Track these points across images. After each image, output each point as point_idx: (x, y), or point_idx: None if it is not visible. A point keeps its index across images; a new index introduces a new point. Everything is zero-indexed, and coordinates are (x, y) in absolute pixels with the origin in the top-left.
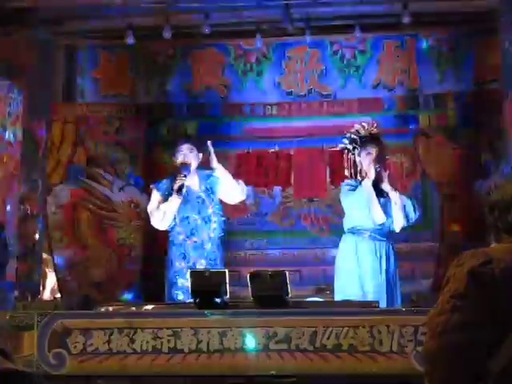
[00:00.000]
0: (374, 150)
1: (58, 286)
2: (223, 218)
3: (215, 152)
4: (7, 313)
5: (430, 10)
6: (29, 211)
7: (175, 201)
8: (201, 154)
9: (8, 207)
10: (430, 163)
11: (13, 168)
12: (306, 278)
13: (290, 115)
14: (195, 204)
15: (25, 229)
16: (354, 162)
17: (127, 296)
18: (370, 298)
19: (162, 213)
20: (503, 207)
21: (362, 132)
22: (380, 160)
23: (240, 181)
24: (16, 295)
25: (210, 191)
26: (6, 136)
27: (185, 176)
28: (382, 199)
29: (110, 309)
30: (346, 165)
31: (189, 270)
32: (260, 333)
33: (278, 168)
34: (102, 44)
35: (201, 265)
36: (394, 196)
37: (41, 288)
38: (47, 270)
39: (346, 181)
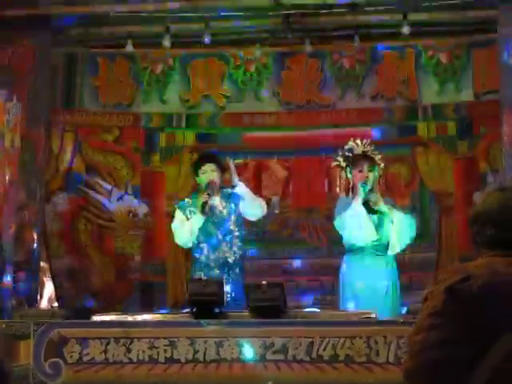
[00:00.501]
0: (366, 168)
1: (56, 294)
2: (244, 232)
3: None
4: (3, 322)
5: (429, 21)
6: (27, 219)
7: (199, 219)
8: (222, 172)
9: (6, 215)
10: (428, 174)
11: (11, 176)
12: (304, 288)
13: (289, 125)
14: (218, 221)
15: (23, 237)
16: (347, 179)
17: (125, 305)
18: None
19: (187, 231)
20: (482, 221)
21: (356, 150)
22: (373, 177)
23: (260, 198)
24: (13, 303)
25: (231, 208)
26: (5, 144)
27: (208, 195)
28: (375, 216)
29: (107, 318)
30: (338, 183)
31: (186, 280)
32: (257, 343)
33: (277, 178)
34: (102, 52)
35: (224, 279)
36: (391, 215)
37: (38, 296)
38: (45, 278)
39: (340, 199)
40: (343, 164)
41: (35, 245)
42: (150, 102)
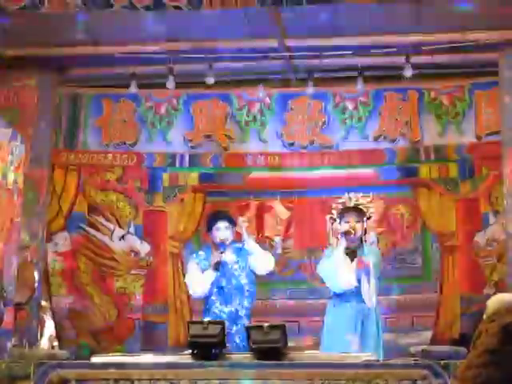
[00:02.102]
0: (351, 219)
1: (56, 333)
2: (255, 287)
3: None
4: (3, 362)
5: (431, 63)
6: (29, 258)
7: (212, 275)
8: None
9: (8, 254)
10: (430, 215)
11: (14, 215)
12: (305, 329)
13: (291, 166)
14: (229, 275)
15: (24, 276)
16: (337, 230)
17: (125, 345)
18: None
19: (199, 284)
20: None
21: (348, 203)
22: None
23: (268, 254)
24: (13, 343)
25: (242, 263)
26: (8, 183)
27: (221, 253)
28: (357, 267)
29: (107, 359)
30: (331, 234)
31: (187, 321)
32: None
33: (279, 218)
34: (106, 92)
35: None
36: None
37: (38, 335)
38: (45, 317)
39: (327, 248)
40: (335, 216)
41: (36, 284)
42: (153, 142)
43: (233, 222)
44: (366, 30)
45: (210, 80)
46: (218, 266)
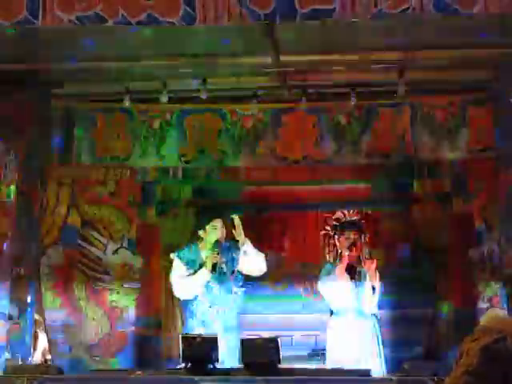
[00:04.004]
0: (351, 235)
1: (49, 347)
2: (244, 289)
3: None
4: None
5: (425, 79)
6: (22, 272)
7: (206, 276)
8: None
9: (1, 268)
10: (423, 230)
11: (7, 229)
12: (299, 343)
13: (285, 180)
14: (218, 275)
15: (17, 290)
16: (335, 245)
17: (119, 359)
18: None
19: (190, 285)
20: None
21: (342, 219)
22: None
23: (262, 254)
24: (7, 357)
25: (232, 263)
26: (1, 197)
27: (218, 254)
28: (357, 282)
29: (100, 373)
30: (327, 250)
31: (180, 336)
32: None
33: (273, 233)
34: (99, 107)
35: (219, 332)
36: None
37: (32, 349)
38: (39, 331)
39: (325, 265)
40: (331, 232)
41: (29, 298)
42: (146, 156)
43: (225, 221)
44: (360, 47)
45: (204, 95)
46: (216, 268)
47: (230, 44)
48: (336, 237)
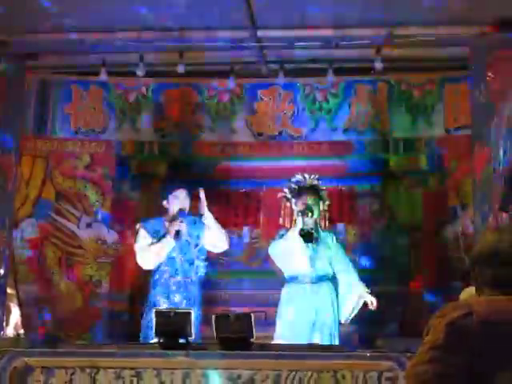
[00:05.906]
0: (310, 201)
1: (22, 321)
2: (206, 262)
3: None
4: None
5: (402, 57)
6: None
7: (170, 244)
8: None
9: None
10: (398, 207)
11: None
12: (272, 319)
13: (260, 156)
14: (181, 246)
15: None
16: (292, 210)
17: (92, 334)
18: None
19: (154, 253)
20: (482, 261)
21: (302, 183)
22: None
23: (224, 230)
24: None
25: (196, 236)
26: None
27: (181, 222)
28: (313, 246)
29: (73, 347)
30: (282, 213)
31: (153, 310)
32: (224, 375)
33: (247, 208)
34: (75, 80)
35: (182, 305)
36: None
37: (4, 323)
38: (11, 305)
39: (280, 230)
40: (289, 195)
41: (2, 271)
42: (122, 130)
43: (190, 192)
44: (338, 22)
45: (181, 69)
46: (179, 235)
47: (207, 18)
48: (293, 201)
